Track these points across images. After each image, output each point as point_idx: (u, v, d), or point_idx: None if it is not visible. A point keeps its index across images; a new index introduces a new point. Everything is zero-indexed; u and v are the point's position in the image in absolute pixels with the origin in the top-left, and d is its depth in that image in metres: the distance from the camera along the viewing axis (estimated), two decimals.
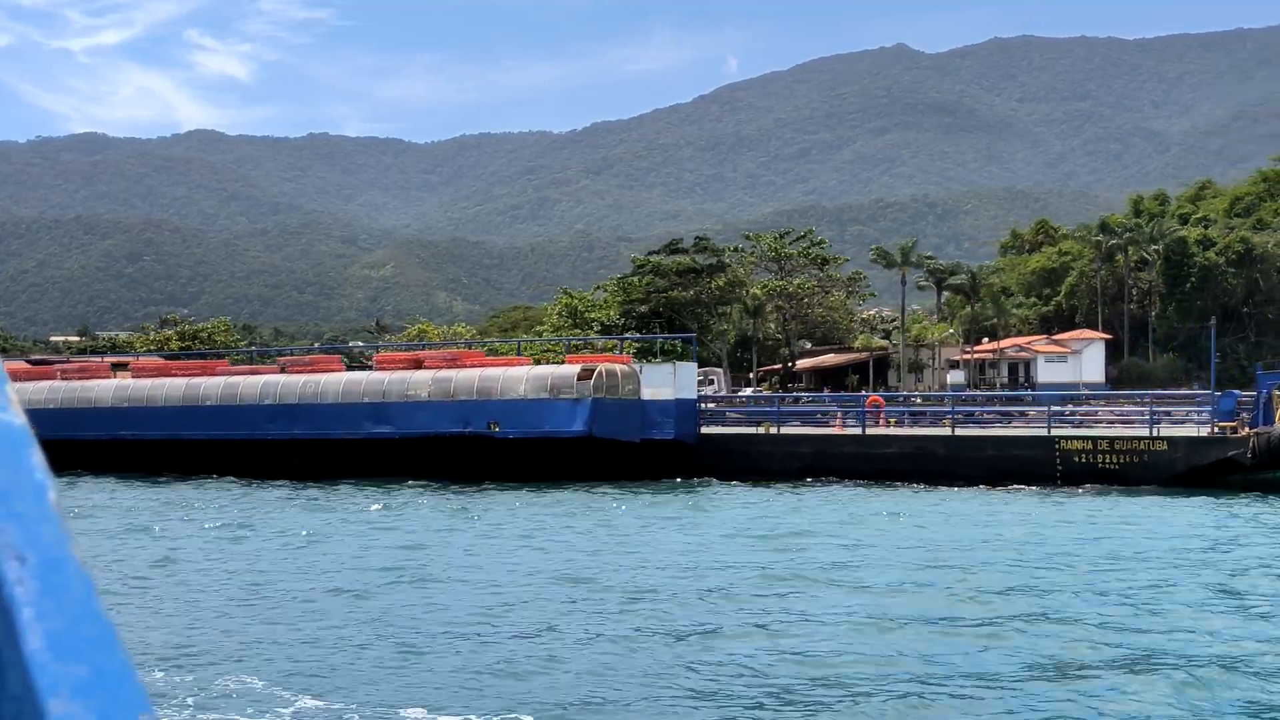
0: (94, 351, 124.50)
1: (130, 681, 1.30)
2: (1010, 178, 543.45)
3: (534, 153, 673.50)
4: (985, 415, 60.36)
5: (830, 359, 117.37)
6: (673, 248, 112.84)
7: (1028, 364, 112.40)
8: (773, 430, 54.23)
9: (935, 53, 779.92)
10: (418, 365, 58.68)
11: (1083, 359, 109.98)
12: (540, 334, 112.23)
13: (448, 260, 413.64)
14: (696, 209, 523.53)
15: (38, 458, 1.39)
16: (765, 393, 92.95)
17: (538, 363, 61.97)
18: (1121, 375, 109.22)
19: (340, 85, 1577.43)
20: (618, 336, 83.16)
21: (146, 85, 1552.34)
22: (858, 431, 53.09)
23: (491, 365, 58.29)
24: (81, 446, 64.02)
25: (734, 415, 61.05)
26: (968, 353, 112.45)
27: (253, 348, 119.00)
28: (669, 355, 78.60)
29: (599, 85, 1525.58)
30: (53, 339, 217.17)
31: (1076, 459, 47.12)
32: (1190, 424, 53.52)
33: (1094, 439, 47.72)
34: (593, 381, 53.35)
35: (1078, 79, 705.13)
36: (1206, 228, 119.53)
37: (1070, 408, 60.30)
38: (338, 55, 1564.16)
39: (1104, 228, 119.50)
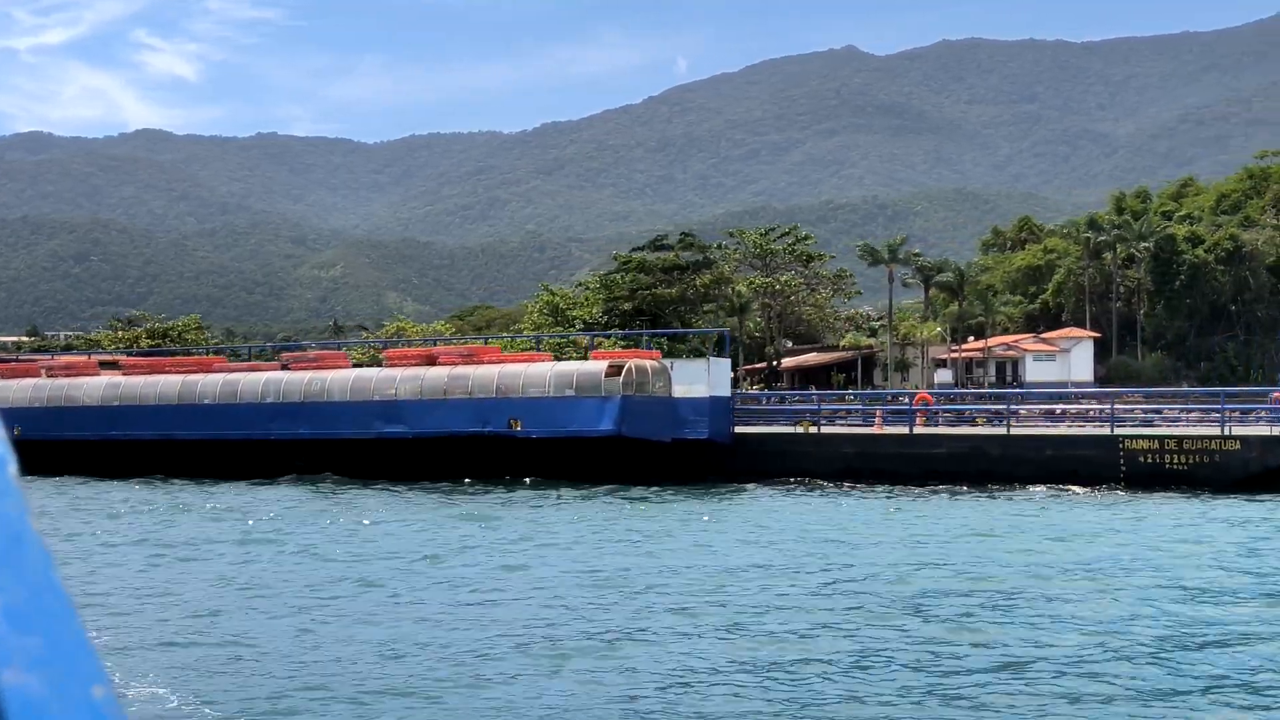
0: (47, 351, 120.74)
1: (86, 653, 1.29)
2: (959, 179, 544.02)
3: (484, 153, 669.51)
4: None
5: (813, 358, 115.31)
6: (657, 244, 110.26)
7: (1015, 363, 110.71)
8: (813, 430, 51.68)
9: (884, 55, 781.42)
10: (431, 362, 55.80)
11: (1071, 358, 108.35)
12: (520, 331, 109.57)
13: (397, 261, 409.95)
14: (647, 210, 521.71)
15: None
16: (753, 392, 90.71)
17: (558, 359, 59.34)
18: (1110, 374, 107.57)
19: (288, 85, 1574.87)
20: (651, 333, 79.53)
21: (93, 85, 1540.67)
22: (904, 431, 50.61)
23: (511, 361, 55.52)
24: (68, 447, 61.13)
25: (770, 414, 58.28)
26: (954, 351, 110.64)
27: (226, 345, 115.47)
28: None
29: (549, 86, 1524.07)
30: (2, 339, 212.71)
31: (1142, 459, 44.82)
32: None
33: (1161, 438, 45.31)
34: (621, 378, 50.68)
35: (1025, 81, 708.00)
36: (1192, 225, 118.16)
37: (1106, 406, 57.82)
38: (286, 55, 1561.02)
39: (1092, 224, 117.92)
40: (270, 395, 57.60)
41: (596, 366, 51.85)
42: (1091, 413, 63.03)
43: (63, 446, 61.11)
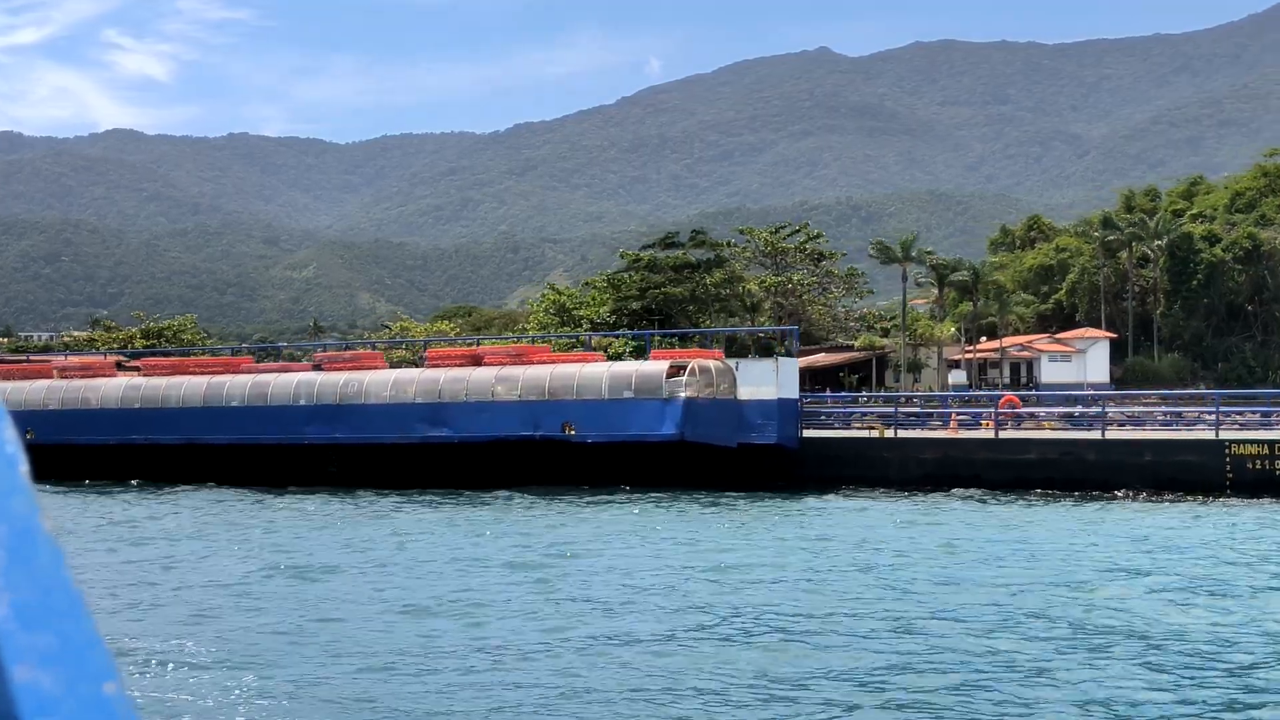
0: (26, 351, 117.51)
1: (97, 650, 1.29)
2: (932, 180, 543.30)
3: (456, 154, 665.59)
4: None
5: (822, 358, 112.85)
6: (668, 241, 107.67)
7: (1030, 364, 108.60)
8: (888, 434, 48.91)
9: (857, 56, 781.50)
10: (476, 362, 52.83)
11: (1087, 358, 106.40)
12: (526, 330, 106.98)
13: (371, 261, 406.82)
14: (621, 210, 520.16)
15: (10, 432, 1.38)
16: None
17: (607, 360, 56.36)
18: (1126, 375, 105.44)
19: (260, 85, 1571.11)
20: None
21: (63, 84, 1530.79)
22: (989, 435, 47.88)
23: (563, 361, 52.59)
24: (85, 452, 58.09)
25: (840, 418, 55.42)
26: (968, 352, 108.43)
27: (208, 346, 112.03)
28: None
29: (521, 87, 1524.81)
30: None
31: (1250, 465, 42.26)
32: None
33: (1271, 443, 42.71)
34: (684, 379, 47.86)
35: (998, 83, 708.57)
36: (1208, 224, 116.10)
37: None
38: (257, 55, 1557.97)
39: (1106, 223, 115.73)
40: (303, 397, 54.53)
41: (657, 367, 48.95)
42: (1110, 415, 60.64)
43: (79, 451, 58.15)
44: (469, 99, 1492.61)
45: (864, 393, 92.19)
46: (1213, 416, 57.22)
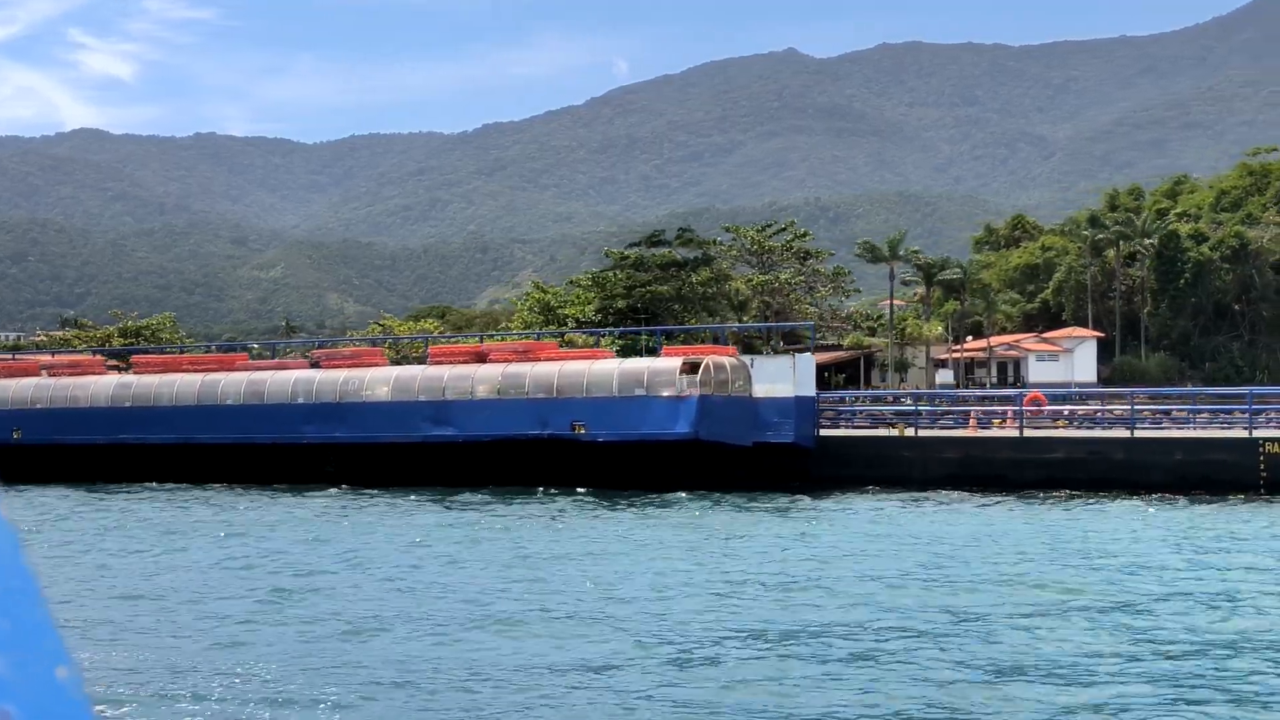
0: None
1: (49, 634, 1.29)
2: (900, 181, 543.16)
3: (424, 153, 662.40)
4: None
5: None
6: (654, 239, 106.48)
7: (1017, 363, 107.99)
8: (909, 433, 47.79)
9: (825, 57, 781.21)
10: (481, 359, 51.49)
11: (1074, 358, 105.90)
12: (509, 329, 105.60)
13: (339, 261, 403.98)
14: (590, 211, 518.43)
15: None
16: None
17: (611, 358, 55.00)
18: (1114, 374, 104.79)
19: (226, 85, 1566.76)
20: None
21: (27, 84, 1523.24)
22: (1014, 434, 46.77)
23: (570, 358, 51.24)
24: (73, 452, 56.53)
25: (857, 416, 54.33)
26: (955, 351, 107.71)
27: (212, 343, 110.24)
28: (648, 354, 71.89)
29: (490, 87, 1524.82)
30: None
31: None
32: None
33: None
34: (699, 376, 46.61)
35: (965, 84, 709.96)
36: (1192, 222, 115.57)
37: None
38: (223, 55, 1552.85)
39: (1093, 221, 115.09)
40: (301, 395, 53.14)
41: (670, 364, 47.73)
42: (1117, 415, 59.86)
43: (66, 451, 56.61)
44: (438, 99, 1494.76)
45: (851, 391, 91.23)
46: (1204, 415, 56.60)
